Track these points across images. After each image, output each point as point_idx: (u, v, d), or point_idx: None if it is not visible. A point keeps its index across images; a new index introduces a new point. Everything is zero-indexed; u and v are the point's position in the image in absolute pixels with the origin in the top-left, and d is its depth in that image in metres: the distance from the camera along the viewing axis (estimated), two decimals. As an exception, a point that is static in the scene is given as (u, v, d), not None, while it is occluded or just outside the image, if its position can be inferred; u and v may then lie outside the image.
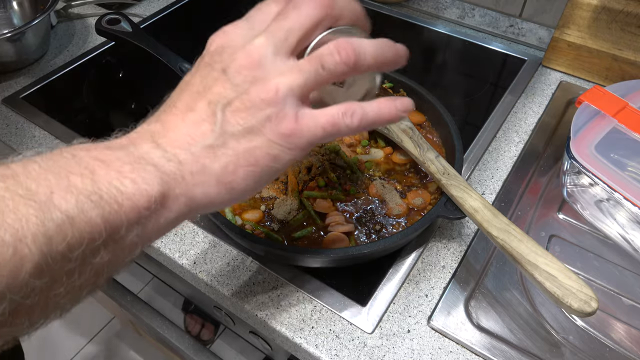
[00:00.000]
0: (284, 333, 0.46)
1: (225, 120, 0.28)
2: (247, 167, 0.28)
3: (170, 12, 0.90)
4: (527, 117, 0.68)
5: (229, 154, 0.28)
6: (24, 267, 0.20)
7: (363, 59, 0.29)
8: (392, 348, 0.45)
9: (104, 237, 0.23)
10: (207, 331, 1.24)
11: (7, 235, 0.20)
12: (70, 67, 0.78)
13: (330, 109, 0.30)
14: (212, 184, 0.28)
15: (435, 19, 0.88)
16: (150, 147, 0.27)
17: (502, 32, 0.83)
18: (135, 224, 0.25)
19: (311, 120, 0.29)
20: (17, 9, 0.85)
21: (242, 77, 0.28)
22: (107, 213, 0.23)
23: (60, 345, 1.40)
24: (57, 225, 0.21)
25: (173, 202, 0.27)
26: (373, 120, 0.31)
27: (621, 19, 0.65)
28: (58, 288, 0.22)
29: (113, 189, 0.24)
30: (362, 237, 0.50)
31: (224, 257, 0.52)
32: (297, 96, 0.29)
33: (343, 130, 0.30)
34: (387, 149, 0.58)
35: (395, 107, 0.32)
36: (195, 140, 0.28)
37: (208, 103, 0.28)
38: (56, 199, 0.22)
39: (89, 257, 0.23)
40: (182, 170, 0.27)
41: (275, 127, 0.28)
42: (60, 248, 0.21)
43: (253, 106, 0.28)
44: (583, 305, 0.37)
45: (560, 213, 0.56)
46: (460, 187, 0.48)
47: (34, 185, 0.22)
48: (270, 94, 0.28)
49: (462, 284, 0.49)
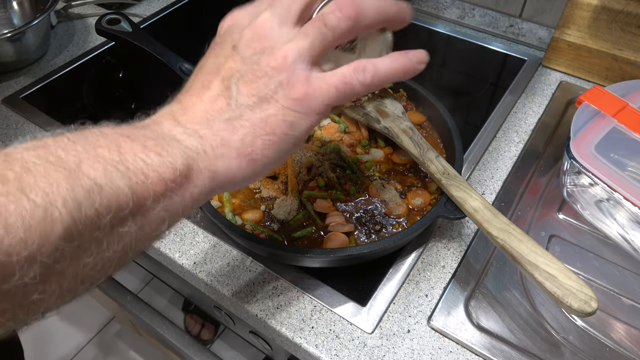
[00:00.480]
0: (284, 333, 0.46)
1: (239, 93, 0.29)
2: (264, 137, 0.29)
3: (170, 12, 0.90)
4: (527, 117, 0.68)
5: (246, 125, 0.28)
6: (55, 230, 0.20)
7: (365, 12, 0.30)
8: (392, 348, 0.45)
9: (131, 206, 0.23)
10: (207, 331, 1.25)
11: (39, 198, 0.20)
12: (70, 67, 0.78)
13: (340, 69, 0.30)
14: (233, 156, 0.28)
15: (435, 19, 0.88)
16: (172, 124, 0.28)
17: (502, 32, 0.83)
18: (161, 197, 0.25)
19: (323, 82, 0.29)
20: (17, 9, 0.85)
21: (251, 50, 0.29)
22: (134, 183, 0.23)
23: (60, 345, 1.40)
24: (86, 191, 0.22)
25: (197, 175, 0.27)
26: (386, 74, 0.31)
27: (621, 19, 0.65)
28: (87, 257, 0.23)
29: (139, 161, 0.24)
30: (362, 237, 0.50)
31: (224, 257, 0.52)
32: (306, 60, 0.29)
33: (357, 87, 0.30)
34: (387, 149, 0.58)
35: (409, 58, 0.32)
36: (213, 115, 0.29)
37: (222, 79, 0.29)
38: (85, 167, 0.22)
39: (117, 227, 0.23)
40: (204, 144, 0.28)
41: (288, 93, 0.29)
42: (89, 213, 0.21)
43: (264, 75, 0.29)
44: (583, 305, 0.37)
45: (560, 213, 0.56)
46: (460, 187, 0.48)
47: (63, 153, 0.22)
48: (279, 61, 0.29)
49: (462, 284, 0.49)
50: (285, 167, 0.55)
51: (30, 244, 0.20)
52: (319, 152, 0.57)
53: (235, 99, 0.29)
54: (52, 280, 0.22)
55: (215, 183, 0.28)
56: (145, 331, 0.99)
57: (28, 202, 0.20)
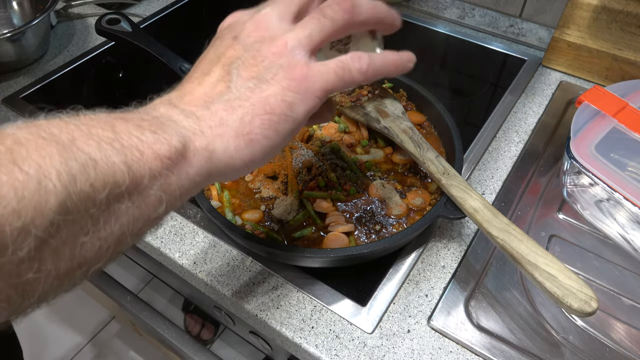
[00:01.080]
0: (284, 333, 0.46)
1: (239, 76, 0.30)
2: (263, 116, 0.29)
3: (170, 12, 0.90)
4: (527, 117, 0.68)
5: (245, 105, 0.29)
6: (49, 203, 0.20)
7: (360, 8, 0.32)
8: (392, 348, 0.45)
9: (128, 183, 0.23)
10: (207, 331, 1.24)
11: (32, 169, 0.20)
12: (70, 67, 0.78)
13: (338, 57, 0.32)
14: (231, 136, 0.28)
15: (435, 19, 0.88)
16: (168, 108, 0.28)
17: (502, 32, 0.83)
18: (157, 175, 0.25)
19: (322, 66, 0.31)
20: (17, 9, 0.85)
21: (252, 39, 0.31)
22: (129, 160, 0.23)
23: (60, 345, 1.40)
24: (81, 164, 0.21)
25: (194, 155, 0.27)
26: (380, 66, 0.33)
27: (621, 19, 0.65)
28: (83, 236, 0.22)
29: (134, 138, 0.24)
30: (362, 237, 0.50)
31: (224, 257, 0.52)
32: (305, 48, 0.30)
33: (354, 73, 0.31)
34: (387, 149, 0.58)
35: (400, 56, 0.34)
36: (212, 97, 0.29)
37: (223, 66, 0.30)
38: (79, 143, 0.22)
39: (113, 204, 0.23)
40: (201, 124, 0.28)
41: (287, 74, 0.29)
42: (84, 188, 0.21)
43: (265, 59, 0.30)
44: (583, 305, 0.37)
45: (560, 213, 0.56)
46: (460, 187, 0.48)
47: (56, 131, 0.22)
48: (279, 47, 0.30)
49: (462, 284, 0.49)
50: (285, 167, 0.55)
51: (23, 215, 0.19)
52: (319, 152, 0.57)
53: (236, 82, 0.29)
54: (47, 259, 0.21)
55: (212, 164, 0.28)
56: (145, 331, 0.99)
57: (21, 173, 0.19)
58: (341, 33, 0.33)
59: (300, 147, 0.57)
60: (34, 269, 0.21)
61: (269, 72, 0.29)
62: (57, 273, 0.22)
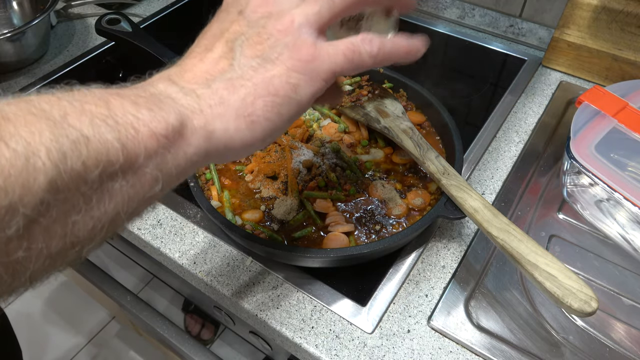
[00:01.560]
0: (284, 333, 0.46)
1: (243, 54, 0.28)
2: (266, 97, 0.28)
3: (170, 12, 0.90)
4: (527, 117, 0.68)
5: (247, 85, 0.28)
6: (38, 180, 0.19)
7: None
8: (392, 348, 0.45)
9: (122, 161, 0.22)
10: (207, 331, 1.24)
11: (20, 146, 0.19)
12: (70, 67, 0.78)
13: (348, 38, 0.30)
14: (232, 116, 0.27)
15: (435, 19, 0.88)
16: (167, 84, 0.27)
17: (502, 32, 0.83)
18: (153, 154, 0.24)
19: (330, 47, 0.29)
20: (17, 9, 0.85)
21: (258, 14, 0.29)
22: (123, 137, 0.22)
23: (60, 345, 1.40)
24: (72, 142, 0.21)
25: (192, 134, 0.26)
26: (390, 51, 0.31)
27: (621, 19, 0.65)
28: (75, 214, 0.22)
29: (129, 115, 0.23)
30: (362, 237, 0.50)
31: (224, 257, 0.52)
32: (314, 26, 0.29)
33: (364, 56, 0.30)
34: (387, 149, 0.58)
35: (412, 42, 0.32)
36: (214, 75, 0.28)
37: (226, 42, 0.29)
38: (70, 119, 0.21)
39: (106, 183, 0.22)
40: (201, 103, 0.27)
41: (294, 54, 0.28)
42: (75, 166, 0.21)
43: (270, 37, 0.28)
44: (583, 305, 0.37)
45: (560, 213, 0.56)
46: (460, 187, 0.48)
47: (47, 107, 0.21)
48: (286, 24, 0.28)
49: (462, 284, 0.49)
50: (285, 167, 0.55)
51: (10, 193, 0.19)
52: (319, 152, 0.57)
53: (239, 60, 0.28)
54: (37, 237, 0.20)
55: (211, 144, 0.27)
56: (145, 331, 0.99)
57: (7, 149, 0.19)
58: (353, 10, 0.31)
59: (300, 147, 0.57)
60: (23, 247, 0.20)
61: (274, 51, 0.28)
62: (49, 252, 0.21)
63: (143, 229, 0.55)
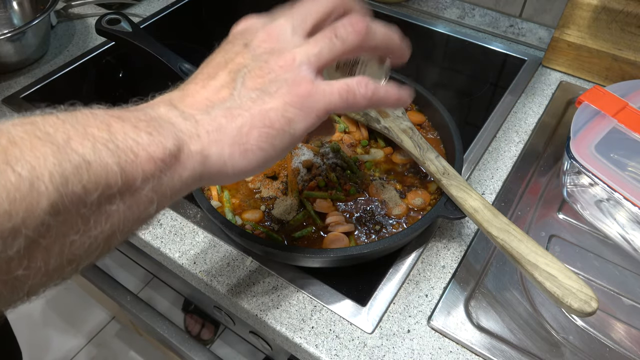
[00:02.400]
0: (284, 333, 0.46)
1: (244, 85, 0.29)
2: (261, 129, 0.29)
3: (170, 12, 0.90)
4: (527, 117, 0.68)
5: (244, 115, 0.29)
6: (40, 203, 0.20)
7: (373, 33, 0.32)
8: (392, 348, 0.45)
9: (120, 185, 0.23)
10: (207, 331, 1.24)
11: (25, 170, 0.20)
12: (70, 67, 0.78)
13: (344, 79, 0.31)
14: (227, 143, 0.28)
15: (435, 19, 0.88)
16: (168, 109, 0.28)
17: (502, 32, 0.83)
18: (150, 177, 0.25)
19: (327, 86, 0.31)
20: (17, 9, 0.85)
21: (262, 49, 0.31)
22: (123, 161, 0.23)
23: (60, 345, 1.40)
24: (74, 166, 0.21)
25: (188, 158, 0.27)
26: (383, 97, 0.33)
27: (621, 19, 0.65)
28: (74, 234, 0.22)
29: (129, 139, 0.24)
30: (362, 237, 0.50)
31: (224, 257, 0.52)
32: (313, 66, 0.30)
33: (358, 98, 0.31)
34: (387, 149, 0.58)
35: (402, 93, 0.34)
36: (214, 102, 0.29)
37: (229, 72, 0.30)
38: (73, 143, 0.22)
39: (104, 205, 0.23)
40: (199, 128, 0.28)
41: (292, 89, 0.29)
42: (76, 190, 0.21)
43: (271, 72, 0.30)
44: (583, 305, 0.37)
45: (560, 213, 0.56)
46: (460, 187, 0.48)
47: (52, 130, 0.22)
48: (288, 62, 0.30)
49: (462, 284, 0.49)
50: (285, 167, 0.55)
51: (14, 217, 0.19)
52: (319, 152, 0.57)
53: (239, 91, 0.29)
54: (37, 256, 0.21)
55: (205, 168, 0.28)
56: (145, 331, 0.99)
57: (13, 174, 0.20)
58: (351, 55, 0.33)
59: (300, 147, 0.57)
60: (24, 265, 0.21)
61: (274, 85, 0.29)
62: (47, 269, 0.22)
63: (143, 229, 0.55)
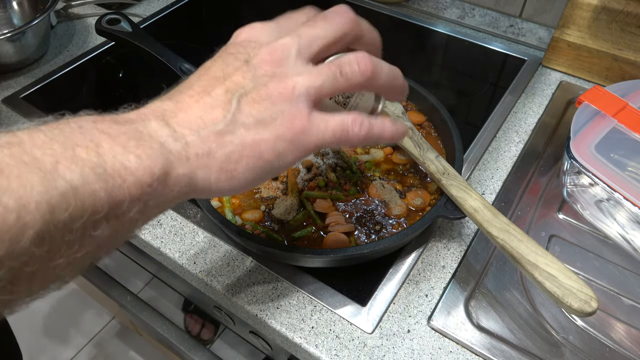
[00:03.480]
0: (284, 333, 0.46)
1: (239, 109, 0.28)
2: (250, 159, 0.29)
3: (170, 12, 0.90)
4: (527, 117, 0.68)
5: (235, 143, 0.28)
6: (26, 234, 0.20)
7: (379, 75, 0.31)
8: (392, 348, 0.45)
9: (106, 210, 0.23)
10: (207, 331, 1.24)
11: (12, 201, 0.20)
12: (70, 67, 0.78)
13: (340, 114, 0.31)
14: (214, 169, 0.28)
15: (435, 19, 0.88)
16: (159, 125, 0.27)
17: (502, 32, 0.83)
18: (137, 200, 0.25)
19: (322, 122, 0.30)
20: (17, 9, 0.85)
21: (262, 71, 0.29)
22: (110, 187, 0.23)
23: (60, 346, 1.40)
24: (61, 194, 0.21)
25: (175, 181, 0.27)
26: (377, 134, 0.32)
27: (621, 19, 0.65)
28: (58, 259, 0.22)
29: (117, 163, 0.24)
30: (362, 237, 0.50)
31: (224, 257, 0.52)
32: (312, 98, 0.30)
33: (351, 137, 0.31)
34: (387, 149, 0.58)
35: (396, 128, 0.34)
36: (206, 124, 0.28)
37: (225, 90, 0.29)
38: (61, 168, 0.22)
39: (89, 230, 0.23)
40: (188, 151, 0.27)
41: (286, 123, 0.29)
42: (62, 217, 0.21)
43: (268, 99, 0.29)
44: (583, 305, 0.37)
45: (560, 213, 0.56)
46: (460, 187, 0.48)
47: (39, 153, 0.22)
48: (287, 90, 0.29)
49: (462, 284, 0.49)
50: (285, 167, 0.55)
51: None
52: (319, 152, 0.57)
53: (233, 114, 0.28)
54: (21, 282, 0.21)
55: (190, 189, 0.28)
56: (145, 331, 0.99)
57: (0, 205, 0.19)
58: (352, 91, 0.32)
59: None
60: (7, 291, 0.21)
61: (269, 114, 0.29)
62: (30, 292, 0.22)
63: (143, 229, 0.55)
